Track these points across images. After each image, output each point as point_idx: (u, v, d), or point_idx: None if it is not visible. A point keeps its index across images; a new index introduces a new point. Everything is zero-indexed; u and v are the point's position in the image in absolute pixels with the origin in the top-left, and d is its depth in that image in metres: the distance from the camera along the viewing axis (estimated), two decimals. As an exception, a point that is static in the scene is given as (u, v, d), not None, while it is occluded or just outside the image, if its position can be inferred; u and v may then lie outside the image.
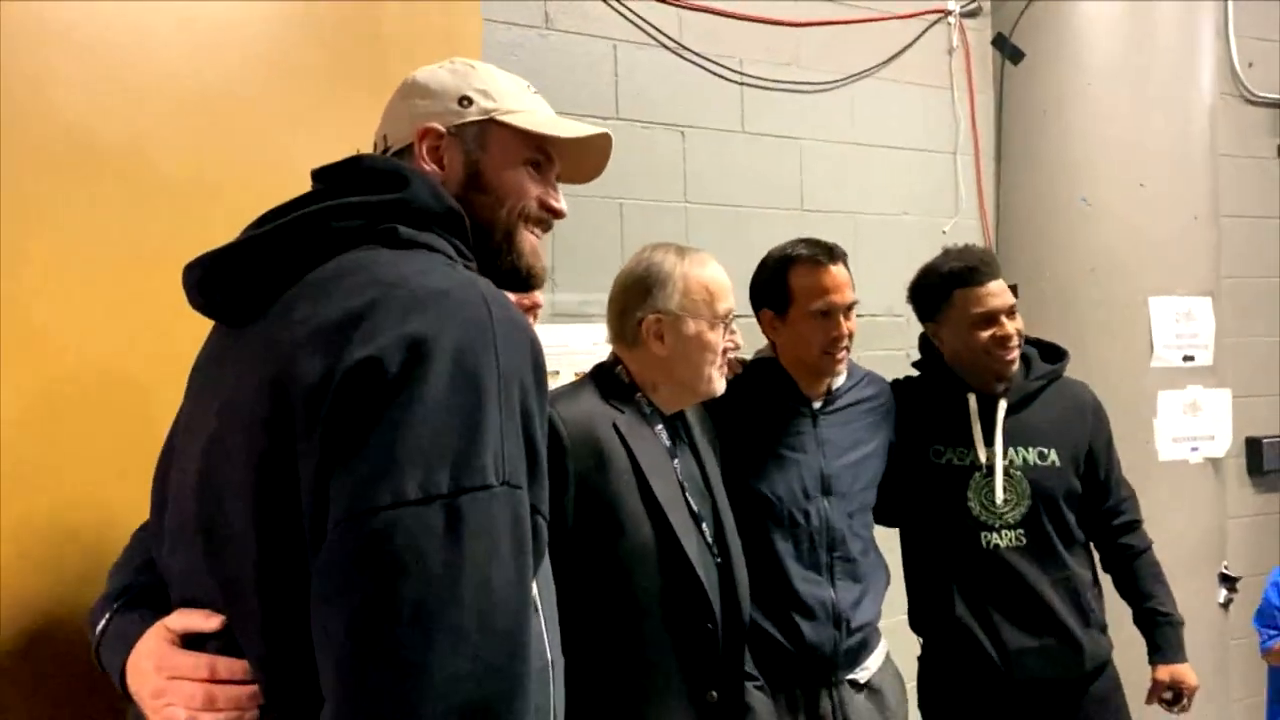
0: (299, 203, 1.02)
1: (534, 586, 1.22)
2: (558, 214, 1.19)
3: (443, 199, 1.05)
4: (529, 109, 1.17)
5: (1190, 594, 2.93)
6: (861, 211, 3.11)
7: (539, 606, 1.20)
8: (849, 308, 2.00)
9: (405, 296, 0.88)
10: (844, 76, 3.09)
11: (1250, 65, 3.67)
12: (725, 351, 1.76)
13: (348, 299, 0.89)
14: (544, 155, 1.17)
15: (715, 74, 2.89)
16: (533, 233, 1.17)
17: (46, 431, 1.41)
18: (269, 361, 0.91)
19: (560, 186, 1.24)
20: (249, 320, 0.99)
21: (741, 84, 2.93)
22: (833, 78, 3.07)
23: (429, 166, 1.11)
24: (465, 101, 1.13)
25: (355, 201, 1.00)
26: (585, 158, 1.25)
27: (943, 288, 2.16)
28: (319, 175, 1.08)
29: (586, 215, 2.67)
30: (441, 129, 1.12)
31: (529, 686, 0.84)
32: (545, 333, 2.59)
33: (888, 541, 2.22)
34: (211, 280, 1.03)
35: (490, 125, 1.13)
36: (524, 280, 1.17)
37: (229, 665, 0.95)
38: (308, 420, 0.85)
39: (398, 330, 0.85)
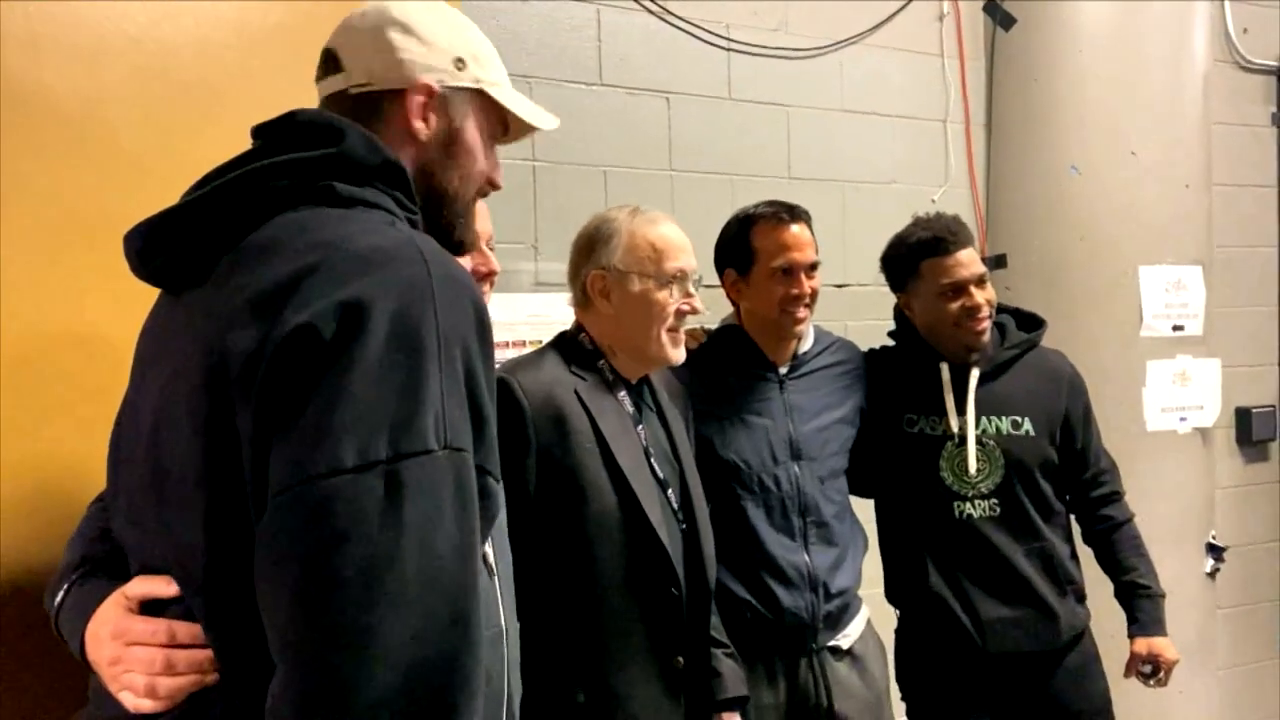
0: (237, 163, 1.00)
1: (489, 550, 1.22)
2: (497, 187, 1.18)
3: (379, 151, 1.02)
4: (505, 83, 1.15)
5: (1178, 563, 2.96)
6: (850, 180, 3.08)
7: (494, 570, 1.20)
8: (811, 267, 2.01)
9: (340, 259, 0.87)
10: (832, 42, 3.05)
11: (1245, 31, 3.62)
12: (681, 314, 1.74)
13: (283, 265, 0.88)
14: (504, 131, 1.17)
15: (701, 39, 2.86)
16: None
17: (11, 393, 1.41)
18: (208, 332, 0.90)
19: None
20: (190, 286, 0.97)
21: (728, 50, 2.90)
22: (821, 44, 3.03)
23: (416, 123, 1.08)
24: (460, 63, 1.10)
25: (289, 159, 0.97)
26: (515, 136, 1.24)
27: (910, 258, 2.14)
28: (258, 132, 1.05)
29: (570, 183, 2.65)
30: (437, 89, 1.08)
31: (478, 648, 0.83)
32: (528, 301, 2.58)
33: (864, 513, 2.22)
34: (151, 248, 1.01)
35: (477, 95, 1.11)
36: (457, 248, 1.15)
37: (188, 630, 0.94)
38: (245, 391, 0.84)
39: (333, 295, 0.83)
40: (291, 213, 0.95)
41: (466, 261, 1.41)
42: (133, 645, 0.96)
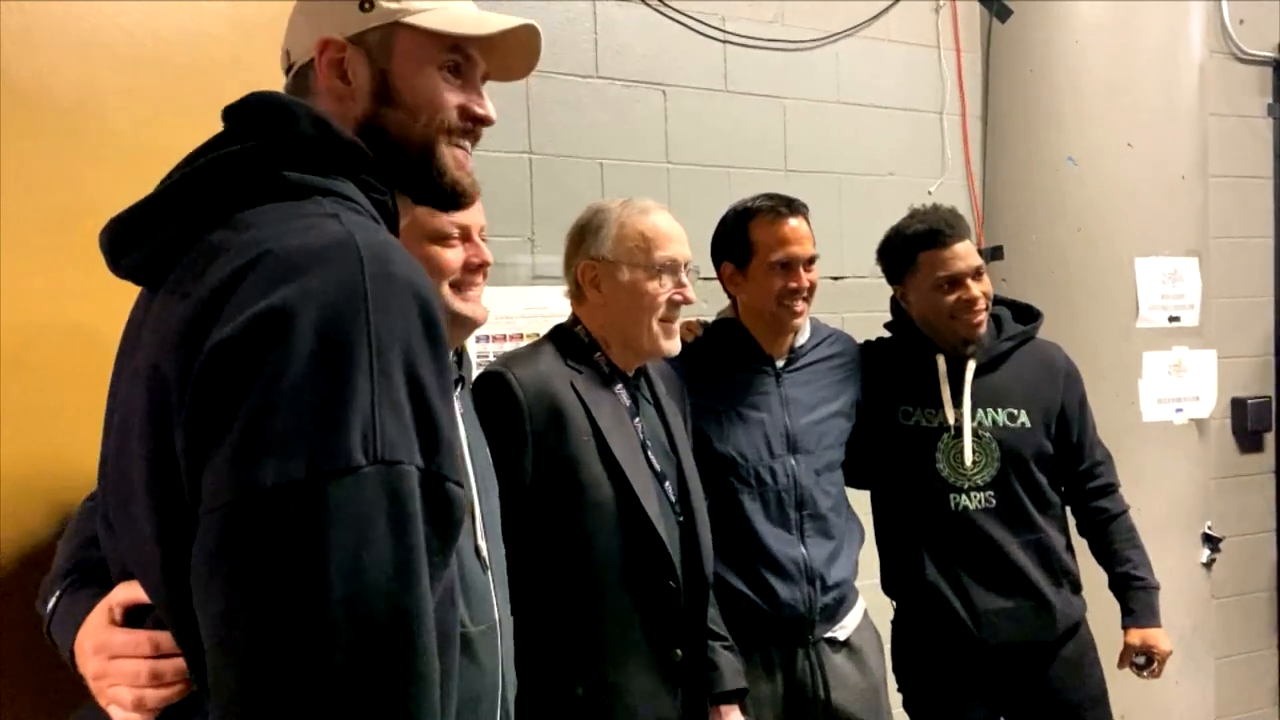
0: (202, 150, 0.96)
1: (482, 544, 1.21)
2: (484, 120, 1.09)
3: (331, 131, 0.95)
4: (438, 6, 1.05)
5: (1173, 554, 2.97)
6: (846, 172, 3.08)
7: (487, 564, 1.19)
8: (809, 260, 2.01)
9: (268, 265, 0.81)
10: (829, 34, 3.05)
11: (1241, 22, 3.61)
12: (674, 304, 1.74)
13: (220, 270, 0.83)
14: (462, 56, 1.07)
15: (697, 32, 2.85)
16: (458, 145, 1.07)
17: (8, 388, 1.41)
18: (156, 343, 0.86)
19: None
20: (158, 284, 0.93)
21: (724, 42, 2.90)
22: (817, 35, 3.03)
23: (331, 82, 1.02)
24: (366, 5, 1.02)
25: (241, 150, 0.92)
26: (513, 56, 1.13)
27: (907, 250, 2.14)
28: (227, 114, 1.00)
29: (566, 176, 2.65)
30: (341, 39, 1.02)
31: (427, 669, 0.78)
32: (525, 295, 2.58)
33: (861, 505, 2.22)
34: (119, 245, 0.96)
35: (396, 29, 1.03)
36: (450, 196, 1.08)
37: (171, 639, 0.91)
38: (178, 409, 0.81)
39: (257, 305, 0.78)
40: (245, 211, 0.90)
41: (459, 252, 1.39)
42: (116, 658, 0.94)
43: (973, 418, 2.12)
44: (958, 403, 2.13)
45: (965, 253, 2.10)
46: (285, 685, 0.73)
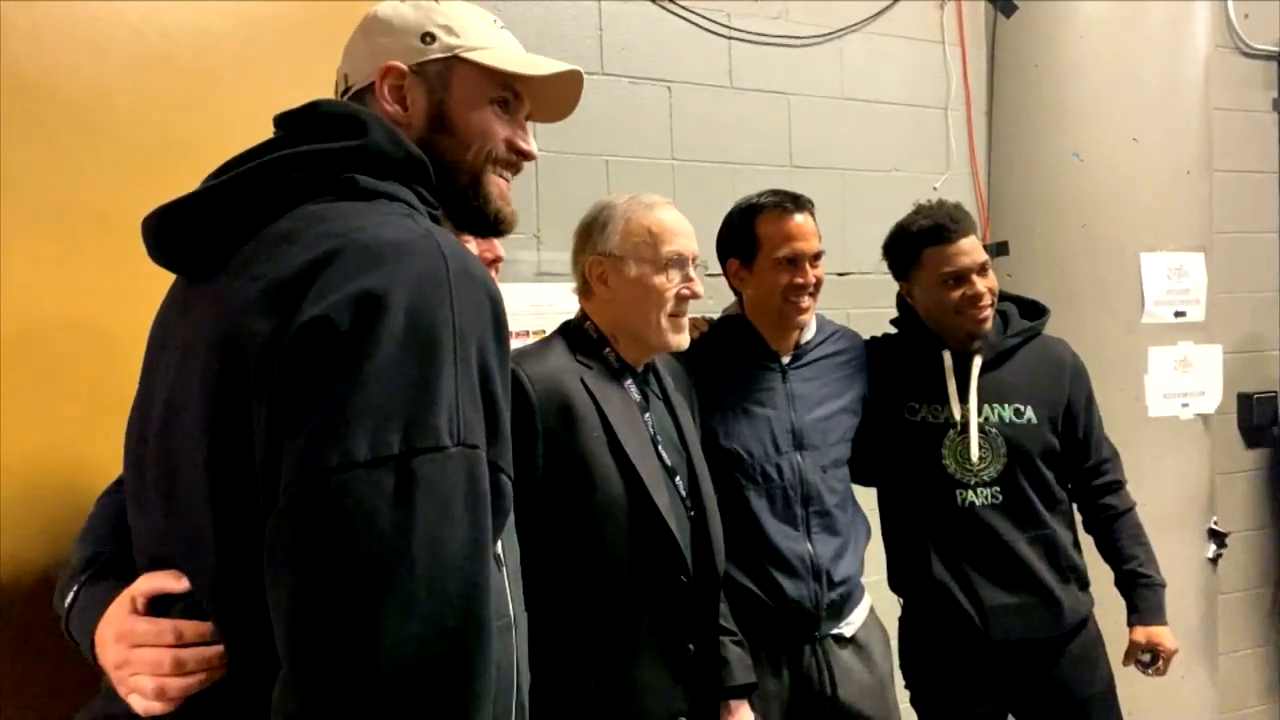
0: (258, 151, 0.99)
1: (499, 544, 1.22)
2: (527, 156, 1.16)
3: (402, 145, 1.02)
4: (496, 45, 1.12)
5: (1179, 549, 2.96)
6: (851, 168, 3.08)
7: (502, 561, 1.20)
8: (815, 256, 2.01)
9: (358, 251, 0.86)
10: (833, 30, 3.05)
11: (1246, 16, 3.61)
12: (682, 299, 1.74)
13: (299, 254, 0.87)
14: (512, 94, 1.14)
15: (702, 28, 2.85)
16: (501, 176, 1.14)
17: (13, 385, 1.41)
18: (224, 320, 0.89)
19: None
20: (207, 274, 0.97)
21: (729, 38, 2.90)
22: (822, 31, 3.03)
23: (391, 107, 1.08)
24: (428, 38, 1.09)
25: (312, 150, 0.97)
26: (555, 97, 1.21)
27: (912, 246, 2.14)
28: (281, 121, 1.05)
29: (572, 173, 2.65)
30: (404, 67, 1.08)
31: (488, 647, 0.82)
32: (530, 291, 2.58)
33: (868, 501, 2.22)
34: (169, 232, 1.00)
35: (455, 63, 1.10)
36: (492, 224, 1.14)
37: (195, 628, 0.93)
38: (259, 381, 0.84)
39: (350, 286, 0.83)
40: (311, 204, 0.94)
41: (473, 248, 1.40)
42: (139, 647, 0.95)
43: (979, 414, 2.12)
44: (964, 399, 2.12)
45: (970, 248, 2.10)
46: (363, 649, 0.76)
